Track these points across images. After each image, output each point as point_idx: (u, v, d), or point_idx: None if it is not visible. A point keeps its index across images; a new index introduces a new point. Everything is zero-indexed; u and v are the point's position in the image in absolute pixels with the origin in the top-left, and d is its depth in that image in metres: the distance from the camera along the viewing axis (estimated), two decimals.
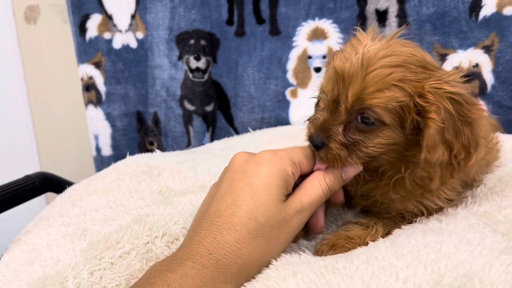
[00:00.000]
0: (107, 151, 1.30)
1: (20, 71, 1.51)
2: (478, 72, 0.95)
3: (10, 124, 1.56)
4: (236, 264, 0.39)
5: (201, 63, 1.17)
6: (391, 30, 1.02)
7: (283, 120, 1.15)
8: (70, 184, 0.84)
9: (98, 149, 1.30)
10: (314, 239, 0.52)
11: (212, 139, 1.22)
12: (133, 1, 1.18)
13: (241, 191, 0.43)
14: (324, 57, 1.09)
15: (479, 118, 0.44)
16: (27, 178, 0.89)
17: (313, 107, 0.57)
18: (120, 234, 0.50)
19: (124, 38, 1.21)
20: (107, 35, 1.22)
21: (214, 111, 1.22)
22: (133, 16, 1.19)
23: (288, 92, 1.14)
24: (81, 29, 1.22)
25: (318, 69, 1.11)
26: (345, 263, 0.39)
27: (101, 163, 1.30)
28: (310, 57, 1.11)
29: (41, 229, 0.57)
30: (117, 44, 1.22)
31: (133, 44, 1.21)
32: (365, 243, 0.47)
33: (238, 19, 1.13)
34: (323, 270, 0.38)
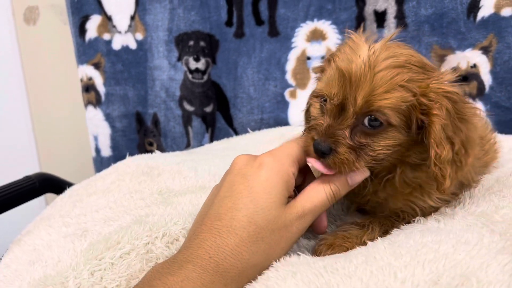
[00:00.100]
0: (106, 152, 1.30)
1: (19, 72, 1.51)
2: (476, 73, 0.95)
3: (10, 125, 1.56)
4: (236, 267, 0.39)
5: (201, 64, 1.18)
6: (390, 31, 1.02)
7: (282, 121, 1.15)
8: (70, 184, 0.84)
9: (97, 150, 1.31)
10: (312, 239, 0.52)
11: (211, 140, 1.22)
12: (132, 2, 1.18)
13: (241, 194, 0.42)
14: (323, 58, 1.10)
15: (472, 116, 0.45)
16: (27, 178, 0.89)
17: (303, 115, 0.55)
18: (120, 234, 0.50)
19: (123, 39, 1.21)
20: (106, 36, 1.22)
21: (214, 112, 1.22)
22: (132, 17, 1.19)
23: (287, 93, 1.14)
24: (80, 30, 1.22)
25: None
26: (344, 263, 0.39)
27: (101, 164, 1.30)
28: (309, 58, 1.11)
29: (41, 229, 0.58)
30: (116, 45, 1.22)
31: (133, 45, 1.21)
32: (363, 242, 0.48)
33: (237, 21, 1.14)
34: (322, 270, 0.39)
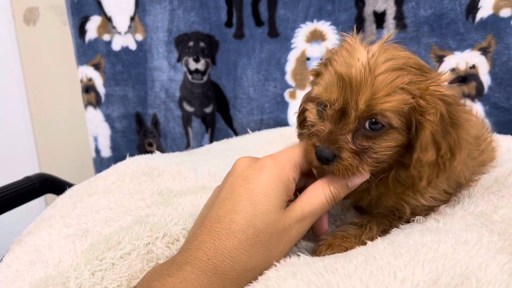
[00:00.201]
0: (106, 152, 1.30)
1: (19, 72, 1.51)
2: (475, 74, 0.96)
3: (10, 125, 1.56)
4: (234, 270, 0.40)
5: (200, 65, 1.18)
6: (389, 32, 1.02)
7: (281, 122, 1.15)
8: (70, 185, 0.84)
9: (97, 151, 1.31)
10: (312, 240, 0.52)
11: (211, 141, 1.22)
12: (132, 3, 1.18)
13: (241, 197, 0.42)
14: (322, 59, 1.10)
15: (466, 120, 0.45)
16: (27, 179, 0.89)
17: (296, 118, 0.55)
18: (121, 235, 0.50)
19: (123, 40, 1.21)
20: (106, 37, 1.22)
21: (213, 112, 1.22)
22: (132, 18, 1.19)
23: (286, 93, 1.14)
24: (80, 31, 1.22)
25: None
26: (343, 263, 0.39)
27: (101, 164, 1.30)
28: (308, 58, 1.11)
29: (42, 230, 0.58)
30: (116, 46, 1.22)
31: (133, 46, 1.21)
32: (362, 242, 0.48)
33: (237, 21, 1.14)
34: (322, 270, 0.39)
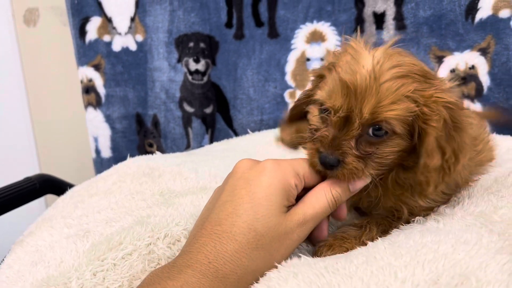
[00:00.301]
0: (106, 153, 1.30)
1: (19, 73, 1.51)
2: (474, 74, 0.96)
3: (10, 126, 1.56)
4: (235, 273, 0.39)
5: (200, 66, 1.18)
6: (389, 32, 1.03)
7: None
8: (70, 186, 0.84)
9: (97, 151, 1.31)
10: None
11: (211, 141, 1.22)
12: (132, 4, 1.18)
13: (242, 200, 0.42)
14: (322, 59, 1.10)
15: (468, 124, 0.45)
16: (27, 180, 0.89)
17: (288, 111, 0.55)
18: (122, 235, 0.50)
19: (123, 40, 1.22)
20: (106, 38, 1.22)
21: (213, 113, 1.22)
22: (132, 19, 1.20)
23: (286, 94, 1.14)
24: (80, 31, 1.22)
25: None
26: (344, 263, 0.40)
27: (101, 165, 1.30)
28: (308, 59, 1.11)
29: (43, 230, 0.58)
30: (116, 46, 1.22)
31: (133, 47, 1.21)
32: (362, 242, 0.48)
33: (237, 22, 1.14)
34: (323, 270, 0.39)
